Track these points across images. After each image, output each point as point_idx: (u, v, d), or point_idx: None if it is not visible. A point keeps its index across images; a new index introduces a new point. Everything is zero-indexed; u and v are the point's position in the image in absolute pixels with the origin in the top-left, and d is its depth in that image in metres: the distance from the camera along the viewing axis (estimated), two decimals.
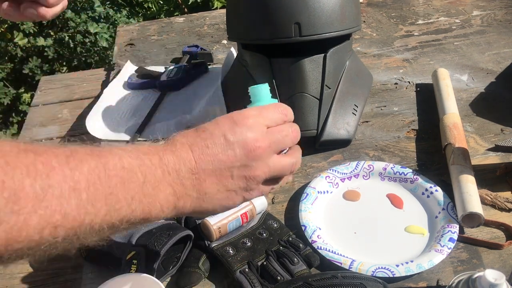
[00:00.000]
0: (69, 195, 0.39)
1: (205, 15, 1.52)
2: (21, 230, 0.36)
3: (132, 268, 0.68)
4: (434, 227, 0.75)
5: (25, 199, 0.36)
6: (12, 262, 0.38)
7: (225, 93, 1.04)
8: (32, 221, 0.36)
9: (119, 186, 0.43)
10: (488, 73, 1.11)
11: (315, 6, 0.85)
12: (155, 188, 0.46)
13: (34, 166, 0.37)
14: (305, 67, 0.89)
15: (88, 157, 0.42)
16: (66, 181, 0.39)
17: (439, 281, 0.68)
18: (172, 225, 0.74)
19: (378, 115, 1.01)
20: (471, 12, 1.38)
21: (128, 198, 0.44)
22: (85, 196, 0.40)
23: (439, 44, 1.24)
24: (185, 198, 0.49)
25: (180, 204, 0.49)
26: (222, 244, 0.72)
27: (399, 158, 0.90)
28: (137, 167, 0.45)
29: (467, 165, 0.81)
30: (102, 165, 0.42)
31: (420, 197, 0.81)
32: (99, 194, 0.41)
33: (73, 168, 0.40)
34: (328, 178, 0.84)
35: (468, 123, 0.96)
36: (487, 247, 0.72)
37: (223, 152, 0.50)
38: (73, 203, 0.39)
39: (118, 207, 0.43)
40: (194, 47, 1.26)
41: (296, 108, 0.90)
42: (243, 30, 0.93)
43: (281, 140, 0.54)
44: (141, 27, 1.46)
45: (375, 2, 1.48)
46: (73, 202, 0.39)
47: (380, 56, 1.21)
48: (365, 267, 0.68)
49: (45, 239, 0.38)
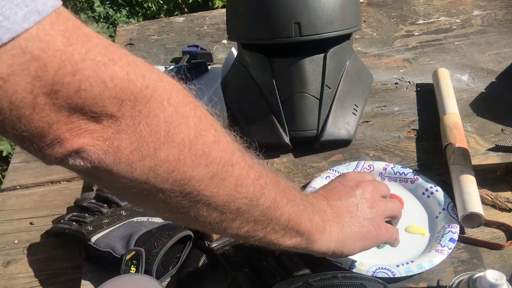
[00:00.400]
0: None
1: (205, 15, 1.52)
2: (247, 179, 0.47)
3: (132, 269, 0.68)
4: (434, 227, 0.75)
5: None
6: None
7: (225, 93, 1.04)
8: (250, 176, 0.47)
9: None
10: (488, 73, 1.11)
11: (315, 6, 0.85)
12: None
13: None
14: (305, 67, 0.88)
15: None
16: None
17: (440, 282, 0.68)
18: (172, 225, 0.74)
19: (378, 115, 1.01)
20: (471, 12, 1.38)
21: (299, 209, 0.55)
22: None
23: (440, 44, 1.24)
24: (330, 222, 0.58)
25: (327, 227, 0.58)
26: (222, 244, 0.72)
27: (399, 158, 0.90)
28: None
29: (467, 165, 0.81)
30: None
31: (420, 197, 0.80)
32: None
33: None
34: (328, 178, 0.83)
35: (468, 123, 0.96)
36: (488, 247, 0.72)
37: (346, 192, 0.62)
38: (274, 191, 0.51)
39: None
40: (194, 47, 1.26)
41: (296, 108, 0.90)
42: (243, 30, 0.93)
43: (389, 205, 0.65)
44: (141, 27, 1.46)
45: (376, 2, 1.48)
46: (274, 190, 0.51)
47: (380, 56, 1.21)
48: (366, 268, 0.67)
49: (254, 193, 0.48)
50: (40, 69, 0.31)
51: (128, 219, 0.76)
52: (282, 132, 0.90)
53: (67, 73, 0.32)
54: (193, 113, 0.41)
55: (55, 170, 1.02)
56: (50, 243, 0.85)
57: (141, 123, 0.37)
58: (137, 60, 0.38)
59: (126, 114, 0.36)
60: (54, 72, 0.32)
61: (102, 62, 0.34)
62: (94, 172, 0.38)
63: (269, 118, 0.91)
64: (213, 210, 0.45)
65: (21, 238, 0.87)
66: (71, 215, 0.81)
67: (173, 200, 0.43)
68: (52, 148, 0.35)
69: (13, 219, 0.92)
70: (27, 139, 0.34)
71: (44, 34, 0.31)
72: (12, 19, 0.29)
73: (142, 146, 0.38)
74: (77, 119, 0.35)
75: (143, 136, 0.38)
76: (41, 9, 0.31)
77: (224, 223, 0.48)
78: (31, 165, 1.05)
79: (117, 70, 0.35)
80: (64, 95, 0.33)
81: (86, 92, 0.33)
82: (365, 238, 0.60)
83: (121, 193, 0.44)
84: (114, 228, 0.74)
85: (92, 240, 0.73)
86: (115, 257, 0.70)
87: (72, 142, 0.35)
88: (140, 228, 0.73)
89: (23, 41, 0.30)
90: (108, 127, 0.36)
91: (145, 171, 0.39)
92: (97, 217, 0.78)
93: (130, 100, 0.36)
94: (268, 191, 0.50)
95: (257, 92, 0.93)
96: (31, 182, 1.00)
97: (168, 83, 0.40)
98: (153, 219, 0.77)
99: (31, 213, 0.93)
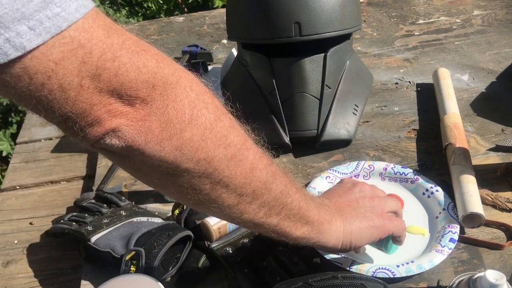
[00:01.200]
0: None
1: (205, 14, 1.51)
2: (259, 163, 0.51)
3: (132, 268, 0.68)
4: (434, 227, 0.75)
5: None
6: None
7: (224, 92, 1.04)
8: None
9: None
10: (488, 73, 1.11)
11: (315, 6, 0.85)
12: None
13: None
14: (305, 67, 0.88)
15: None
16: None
17: (440, 282, 0.68)
18: (172, 226, 0.74)
19: (378, 115, 1.01)
20: (471, 12, 1.38)
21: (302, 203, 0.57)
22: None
23: (440, 44, 1.24)
24: (335, 216, 0.61)
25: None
26: (222, 244, 0.72)
27: (399, 158, 0.89)
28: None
29: (467, 165, 0.81)
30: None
31: (420, 197, 0.80)
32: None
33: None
34: (329, 178, 0.83)
35: (468, 123, 0.96)
36: (488, 248, 0.72)
37: (345, 191, 0.66)
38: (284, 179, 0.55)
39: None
40: (194, 47, 1.26)
41: (296, 108, 0.90)
42: (243, 29, 0.93)
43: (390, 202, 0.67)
44: (141, 27, 1.46)
45: (376, 2, 1.48)
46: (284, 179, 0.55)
47: (380, 56, 1.21)
48: (366, 268, 0.67)
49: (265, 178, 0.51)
50: (85, 55, 0.36)
51: (128, 219, 0.76)
52: (282, 132, 0.90)
53: (108, 59, 0.38)
54: (211, 100, 0.46)
55: (55, 170, 1.02)
56: (50, 243, 0.85)
57: (169, 106, 0.42)
58: (161, 52, 0.43)
59: (156, 98, 0.41)
60: (97, 58, 0.37)
61: (135, 51, 0.40)
62: (127, 152, 0.42)
63: (269, 118, 0.91)
64: (232, 192, 0.49)
65: (21, 238, 0.87)
66: (70, 215, 0.81)
67: (196, 181, 0.47)
68: (92, 127, 0.40)
69: (12, 219, 0.92)
70: (71, 119, 0.39)
71: (88, 26, 0.37)
72: (67, 10, 0.35)
73: (170, 127, 0.43)
74: (115, 102, 0.39)
75: (170, 118, 0.42)
76: (86, 4, 0.37)
77: (241, 206, 0.51)
78: (30, 165, 1.05)
79: (148, 58, 0.40)
80: (105, 79, 0.38)
81: (123, 76, 0.39)
82: (370, 227, 0.62)
83: (148, 175, 0.48)
84: (114, 228, 0.74)
85: (92, 240, 0.72)
86: (115, 257, 0.70)
87: (110, 122, 0.40)
88: (140, 228, 0.73)
89: (72, 31, 0.36)
90: (141, 109, 0.41)
91: (172, 150, 0.43)
92: (97, 217, 0.78)
93: (160, 85, 0.41)
94: (279, 178, 0.53)
95: (257, 92, 0.93)
96: (30, 182, 1.00)
97: (189, 74, 0.46)
98: (153, 219, 0.76)
99: (30, 213, 0.92)
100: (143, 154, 0.43)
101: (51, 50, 0.35)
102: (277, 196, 0.53)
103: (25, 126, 1.19)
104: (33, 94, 0.36)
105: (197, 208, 0.65)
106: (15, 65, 0.34)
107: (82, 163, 1.03)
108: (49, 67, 0.35)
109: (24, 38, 0.33)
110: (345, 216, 0.61)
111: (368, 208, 0.63)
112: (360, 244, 0.63)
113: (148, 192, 0.86)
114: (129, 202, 0.82)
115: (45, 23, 0.34)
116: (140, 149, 0.42)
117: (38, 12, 0.34)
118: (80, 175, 1.01)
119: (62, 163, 1.04)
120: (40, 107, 0.37)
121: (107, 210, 0.80)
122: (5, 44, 0.33)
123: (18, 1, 0.33)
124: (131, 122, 0.41)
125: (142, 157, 0.43)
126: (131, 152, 0.42)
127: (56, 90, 0.36)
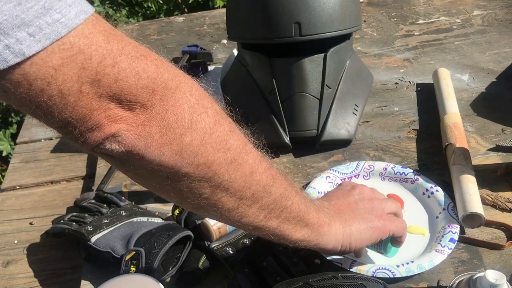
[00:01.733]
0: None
1: (205, 14, 1.52)
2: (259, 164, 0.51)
3: (132, 269, 0.68)
4: (434, 227, 0.75)
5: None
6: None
7: (224, 92, 1.04)
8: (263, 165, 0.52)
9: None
10: (489, 73, 1.11)
11: (315, 6, 0.85)
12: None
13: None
14: (305, 67, 0.88)
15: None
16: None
17: (440, 282, 0.68)
18: (172, 226, 0.74)
19: (378, 115, 1.01)
20: (471, 12, 1.38)
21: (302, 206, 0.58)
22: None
23: (440, 44, 1.24)
24: (334, 218, 0.61)
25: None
26: (222, 244, 0.72)
27: (399, 158, 0.89)
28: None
29: (467, 165, 0.81)
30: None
31: (420, 197, 0.80)
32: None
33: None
34: (329, 178, 0.83)
35: (468, 123, 0.96)
36: (488, 248, 0.72)
37: (344, 193, 0.66)
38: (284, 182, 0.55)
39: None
40: (194, 47, 1.26)
41: (296, 108, 0.90)
42: (243, 29, 0.93)
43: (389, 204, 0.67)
44: (141, 27, 1.45)
45: (376, 2, 1.48)
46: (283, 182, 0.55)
47: (380, 56, 1.21)
48: (366, 268, 0.67)
49: (263, 180, 0.51)
50: (85, 61, 0.36)
51: (128, 219, 0.76)
52: (282, 132, 0.90)
53: (108, 64, 0.38)
54: (211, 105, 0.47)
55: (55, 170, 1.02)
56: (49, 243, 0.85)
57: (169, 111, 0.42)
58: (161, 57, 0.44)
59: (156, 103, 0.41)
60: (97, 63, 0.37)
61: (135, 57, 0.40)
62: (127, 157, 0.43)
63: (269, 118, 0.91)
64: (232, 195, 0.49)
65: (21, 238, 0.87)
66: (70, 215, 0.81)
67: (196, 185, 0.47)
68: (92, 132, 0.40)
69: (12, 219, 0.92)
70: (71, 124, 0.39)
71: (88, 32, 0.37)
72: (67, 16, 0.35)
73: (169, 131, 0.43)
74: (115, 107, 0.39)
75: (170, 123, 0.42)
76: (86, 10, 0.37)
77: (241, 209, 0.51)
78: (30, 165, 1.05)
79: (148, 64, 0.41)
80: (105, 84, 0.38)
81: (123, 82, 0.39)
82: (369, 228, 0.62)
83: (148, 179, 0.48)
84: (114, 228, 0.74)
85: (92, 240, 0.72)
86: (115, 257, 0.70)
87: (110, 127, 0.40)
88: (140, 228, 0.73)
89: (72, 37, 0.36)
90: (141, 114, 0.41)
91: (172, 155, 0.44)
92: (97, 217, 0.78)
93: (160, 90, 0.41)
94: (279, 181, 0.54)
95: (257, 92, 0.93)
96: (30, 182, 1.00)
97: (189, 79, 0.46)
98: (153, 219, 0.76)
99: (30, 213, 0.92)
100: (143, 159, 0.43)
101: (50, 56, 0.35)
102: (276, 199, 0.53)
103: (25, 126, 1.19)
104: (33, 100, 0.36)
105: (197, 212, 0.65)
106: (15, 71, 0.34)
107: (82, 163, 1.03)
108: (48, 73, 0.35)
109: (23, 45, 0.33)
110: (344, 218, 0.62)
111: (368, 210, 0.64)
112: (360, 245, 0.63)
113: (148, 192, 0.86)
114: (129, 202, 0.82)
115: (45, 29, 0.34)
116: (140, 154, 0.42)
117: (38, 19, 0.34)
118: (80, 175, 1.01)
119: (62, 163, 1.04)
120: (40, 112, 0.37)
121: (107, 210, 0.80)
122: (4, 50, 0.33)
123: (18, 7, 0.33)
124: (131, 127, 0.41)
125: (142, 162, 0.43)
126: (131, 157, 0.42)
127: (55, 96, 0.36)
